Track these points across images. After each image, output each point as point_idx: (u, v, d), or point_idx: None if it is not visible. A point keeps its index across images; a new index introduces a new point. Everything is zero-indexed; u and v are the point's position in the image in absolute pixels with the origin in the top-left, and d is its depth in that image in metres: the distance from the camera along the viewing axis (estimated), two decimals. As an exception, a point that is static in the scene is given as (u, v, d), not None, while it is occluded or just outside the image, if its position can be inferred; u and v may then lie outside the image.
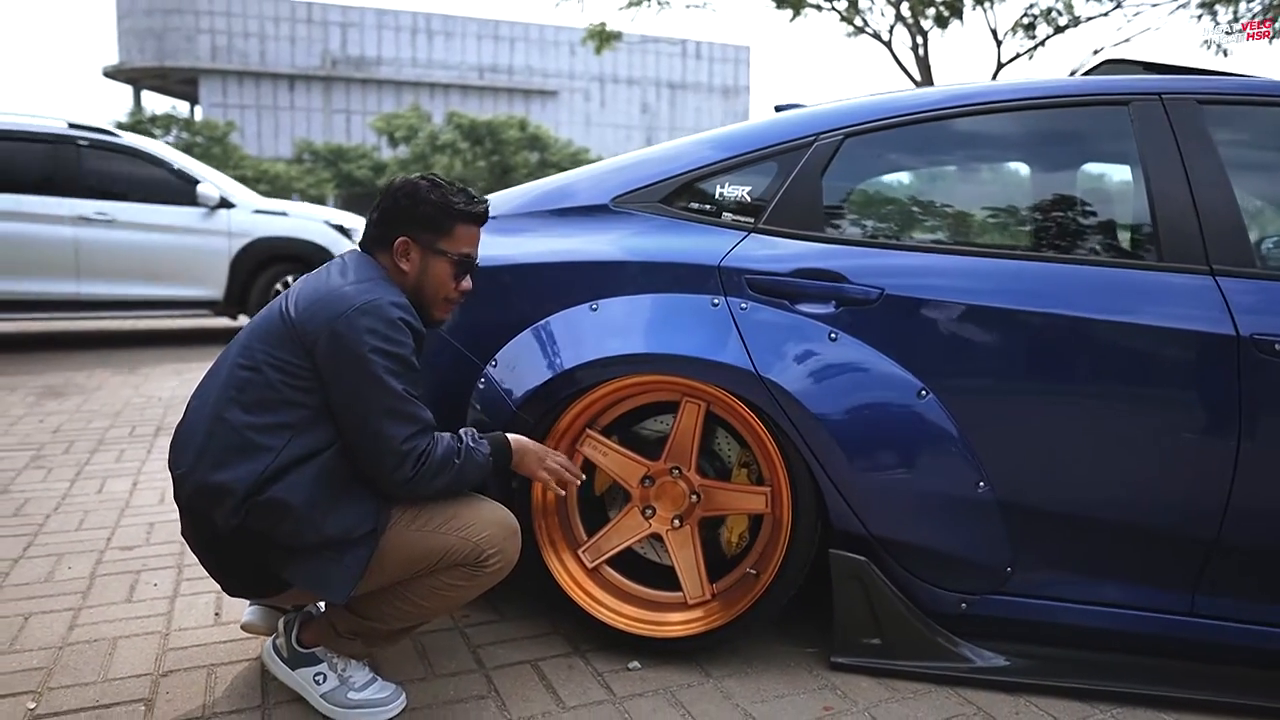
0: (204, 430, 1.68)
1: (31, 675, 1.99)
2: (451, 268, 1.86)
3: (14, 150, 6.44)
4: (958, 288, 1.92)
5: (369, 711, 1.81)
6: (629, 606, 2.11)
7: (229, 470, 1.63)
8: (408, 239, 1.83)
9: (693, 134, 2.37)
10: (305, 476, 1.65)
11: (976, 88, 2.09)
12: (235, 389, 1.69)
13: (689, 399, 2.07)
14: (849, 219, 2.12)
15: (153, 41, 54.93)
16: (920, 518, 1.94)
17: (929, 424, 1.90)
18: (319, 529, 1.65)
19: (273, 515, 1.62)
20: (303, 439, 1.67)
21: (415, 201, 1.83)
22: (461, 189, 1.88)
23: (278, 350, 1.70)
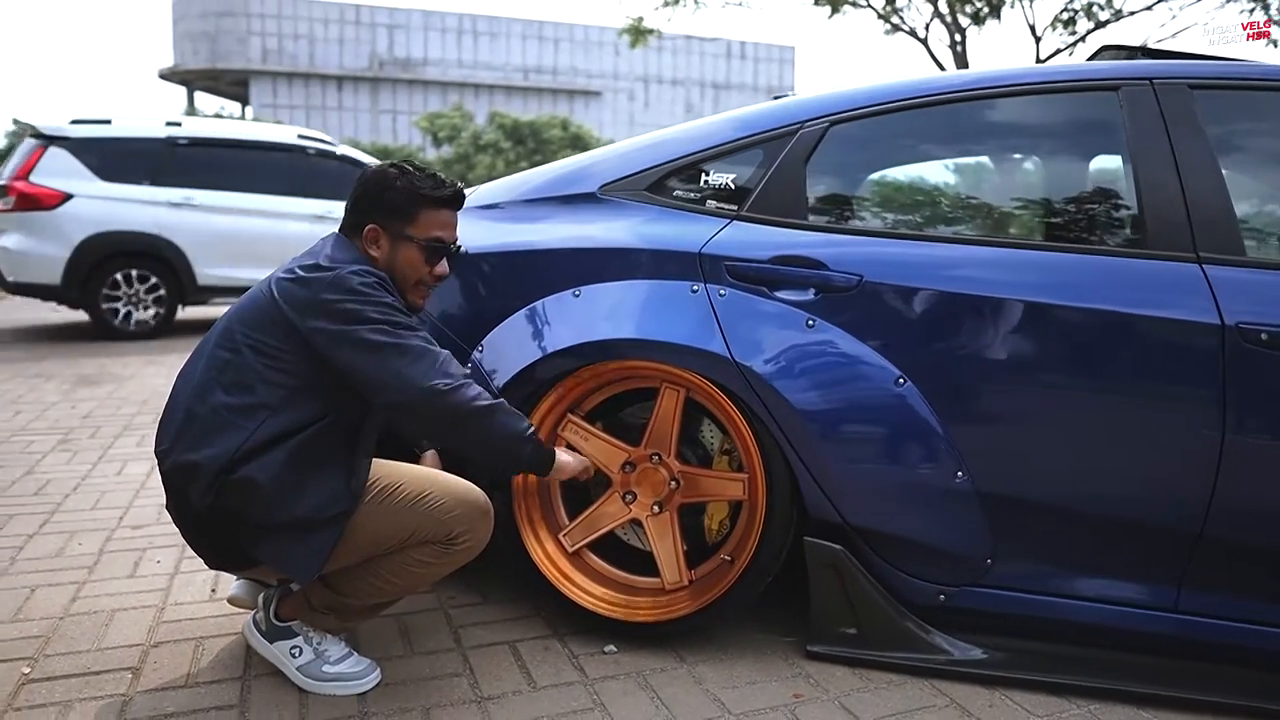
0: (184, 410, 1.74)
1: (30, 643, 2.07)
2: (420, 253, 1.88)
3: (262, 158, 7.64)
4: (936, 275, 1.91)
5: (342, 684, 1.84)
6: (601, 588, 2.12)
7: (204, 449, 1.68)
8: (376, 226, 1.86)
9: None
10: (277, 457, 1.68)
11: (963, 75, 2.07)
12: (215, 370, 1.75)
13: (668, 385, 2.08)
14: (831, 207, 2.11)
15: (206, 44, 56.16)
16: (897, 507, 1.93)
17: (906, 412, 1.89)
18: (288, 509, 1.68)
19: (242, 494, 1.67)
20: (278, 418, 1.70)
21: (382, 189, 1.86)
22: (431, 175, 1.89)
23: (256, 332, 1.75)
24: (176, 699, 1.83)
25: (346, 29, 58.01)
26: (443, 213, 1.91)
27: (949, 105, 2.05)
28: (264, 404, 1.71)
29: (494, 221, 2.35)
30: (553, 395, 2.11)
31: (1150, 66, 1.99)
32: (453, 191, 1.91)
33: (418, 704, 1.82)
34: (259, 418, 1.70)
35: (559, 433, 2.17)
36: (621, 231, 2.15)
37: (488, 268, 2.28)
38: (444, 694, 1.86)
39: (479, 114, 45.75)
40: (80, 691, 1.86)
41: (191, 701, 1.82)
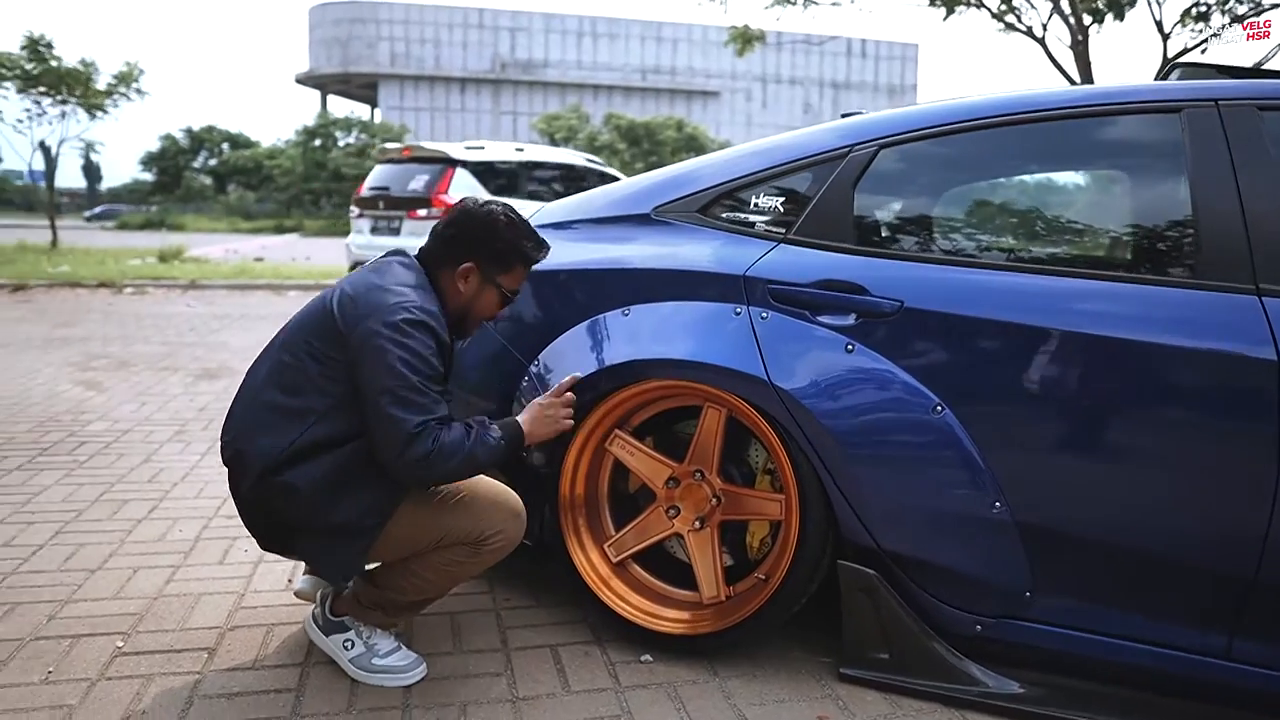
0: (244, 406, 1.89)
1: (126, 619, 2.28)
2: (499, 299, 2.02)
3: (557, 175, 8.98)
4: (979, 302, 1.89)
5: (390, 676, 1.98)
6: (639, 598, 2.19)
7: (254, 445, 1.82)
8: (473, 265, 1.96)
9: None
10: (320, 465, 1.80)
11: (1018, 97, 2.04)
12: (275, 372, 1.88)
13: (710, 405, 2.12)
14: (877, 231, 2.11)
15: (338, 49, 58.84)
16: (931, 534, 1.92)
17: (942, 440, 1.88)
18: (325, 516, 1.81)
19: (283, 497, 1.80)
20: (324, 425, 1.81)
21: (491, 235, 1.96)
22: (532, 232, 2.00)
23: (316, 340, 1.86)
24: (243, 680, 1.99)
25: (470, 32, 59.77)
26: (528, 269, 2.04)
27: (1002, 128, 2.02)
28: (313, 409, 1.81)
29: (558, 242, 2.44)
30: (600, 411, 2.19)
31: (1217, 87, 1.91)
32: (546, 252, 2.04)
33: (457, 700, 1.93)
34: (307, 421, 1.81)
35: (606, 447, 2.25)
36: (670, 253, 2.21)
37: (547, 285, 2.37)
38: (483, 692, 1.96)
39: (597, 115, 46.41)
40: (161, 667, 2.04)
41: (255, 683, 1.98)
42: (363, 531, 1.84)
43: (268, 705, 1.90)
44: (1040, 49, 11.07)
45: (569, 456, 2.22)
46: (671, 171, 2.41)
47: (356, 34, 58.45)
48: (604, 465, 2.31)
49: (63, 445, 3.90)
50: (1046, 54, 11.09)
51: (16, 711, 1.87)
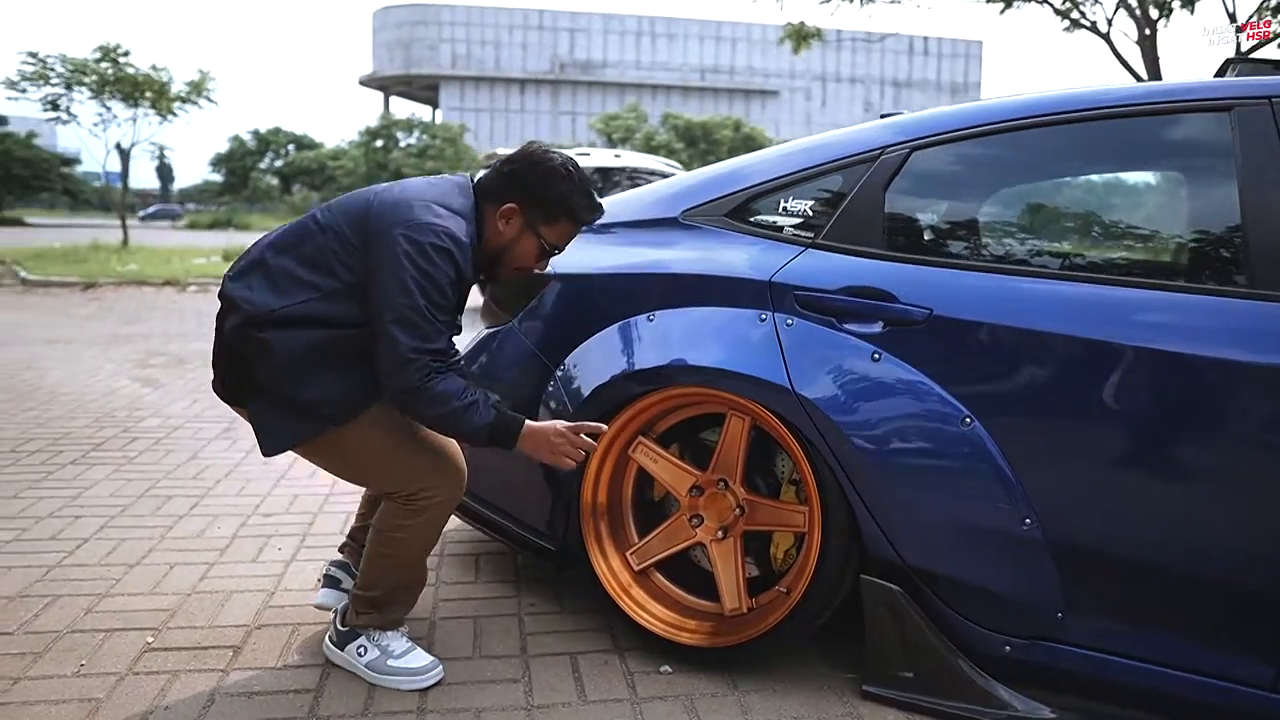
0: (259, 252, 1.89)
1: (158, 615, 2.32)
2: (538, 250, 1.99)
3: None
4: (1012, 310, 1.81)
5: (405, 678, 1.98)
6: (660, 607, 2.16)
7: (250, 295, 1.81)
8: (517, 207, 1.93)
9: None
10: (302, 338, 1.79)
11: (1054, 95, 1.96)
12: (300, 235, 1.87)
13: (734, 413, 2.08)
14: (907, 236, 2.04)
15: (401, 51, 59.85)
16: (958, 551, 1.86)
17: (971, 453, 1.81)
18: (287, 388, 1.80)
19: (258, 352, 1.79)
20: (323, 304, 1.80)
21: (544, 183, 1.92)
22: (587, 192, 1.96)
23: (347, 224, 1.84)
24: (264, 679, 2.01)
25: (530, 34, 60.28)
26: (575, 228, 2.01)
27: (1039, 129, 1.94)
28: (319, 286, 1.81)
29: (585, 244, 2.42)
30: (623, 417, 2.16)
31: (1272, 84, 1.81)
32: (596, 217, 2.01)
33: (472, 706, 1.92)
34: (309, 294, 1.81)
35: (630, 454, 2.22)
36: (697, 257, 2.17)
37: (575, 289, 2.35)
38: (499, 698, 1.95)
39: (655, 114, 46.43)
40: (188, 664, 2.07)
41: (276, 683, 2.00)
42: (313, 417, 1.83)
43: (286, 705, 1.91)
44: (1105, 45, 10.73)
45: (591, 463, 2.20)
46: (700, 175, 2.38)
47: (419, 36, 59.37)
48: (628, 472, 2.29)
49: (115, 441, 4.01)
50: (1112, 50, 10.74)
51: (48, 703, 1.91)
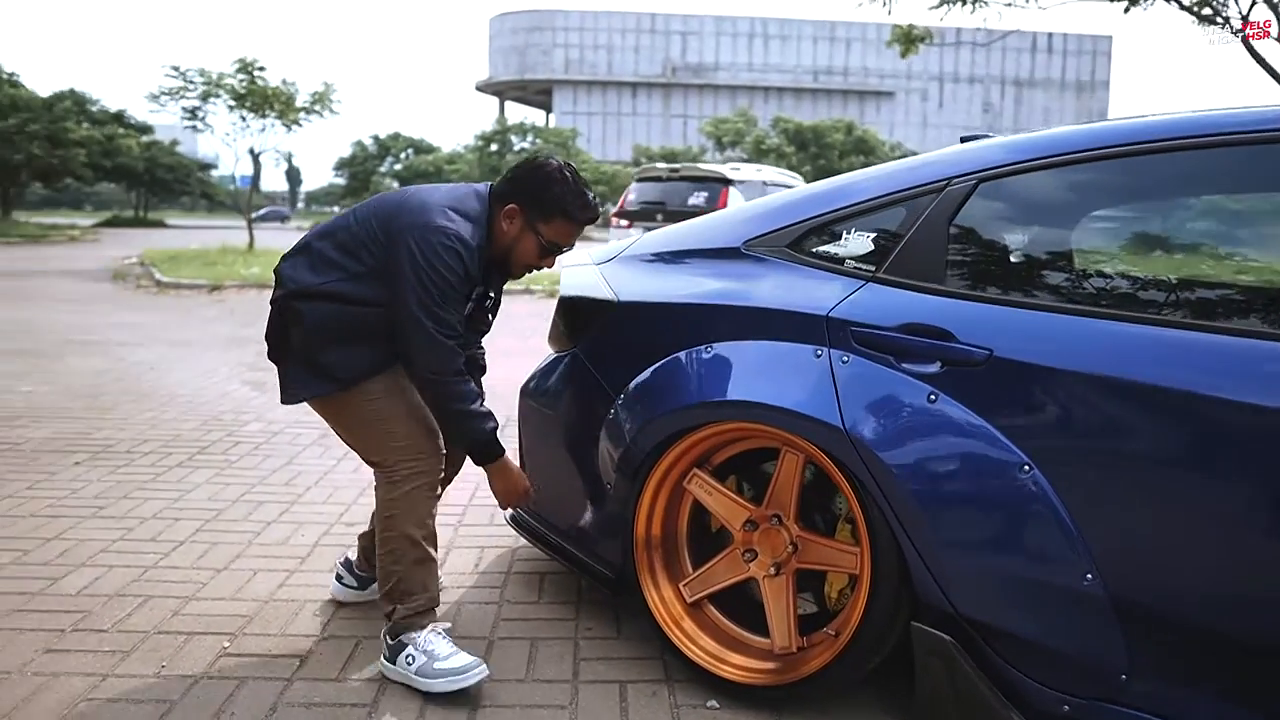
0: (307, 239, 2.22)
1: (237, 620, 2.45)
2: (538, 248, 2.21)
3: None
4: (1077, 353, 1.72)
5: (453, 679, 2.04)
6: (709, 640, 2.14)
7: (293, 273, 2.15)
8: (517, 207, 2.17)
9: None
10: (328, 310, 2.08)
11: (1135, 124, 1.85)
12: (337, 226, 2.18)
13: (788, 449, 2.05)
14: (970, 271, 1.97)
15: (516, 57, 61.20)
16: (1013, 603, 1.78)
17: (1029, 503, 1.73)
18: (315, 352, 2.10)
19: (293, 319, 2.12)
20: (348, 284, 2.09)
21: (541, 186, 2.16)
22: (582, 193, 2.18)
23: (377, 220, 2.12)
24: (324, 691, 2.10)
25: (642, 37, 60.72)
26: (574, 226, 2.21)
27: (1113, 160, 1.84)
28: (347, 269, 2.10)
29: (650, 272, 2.44)
30: (676, 449, 2.16)
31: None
32: (590, 215, 2.21)
33: (517, 731, 1.95)
34: (337, 275, 2.09)
35: (685, 485, 2.21)
36: (755, 289, 2.15)
37: (638, 317, 2.37)
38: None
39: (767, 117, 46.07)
40: (256, 671, 2.18)
41: (335, 695, 2.08)
42: (330, 379, 2.12)
43: (341, 718, 1.98)
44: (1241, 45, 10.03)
45: (645, 494, 2.21)
46: (764, 204, 2.35)
47: (534, 42, 60.61)
48: (684, 503, 2.28)
49: (219, 444, 4.24)
50: (1248, 50, 10.03)
51: (129, 701, 2.04)
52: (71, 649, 2.28)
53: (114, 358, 6.74)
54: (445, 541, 3.05)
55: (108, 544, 3.00)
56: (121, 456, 4.05)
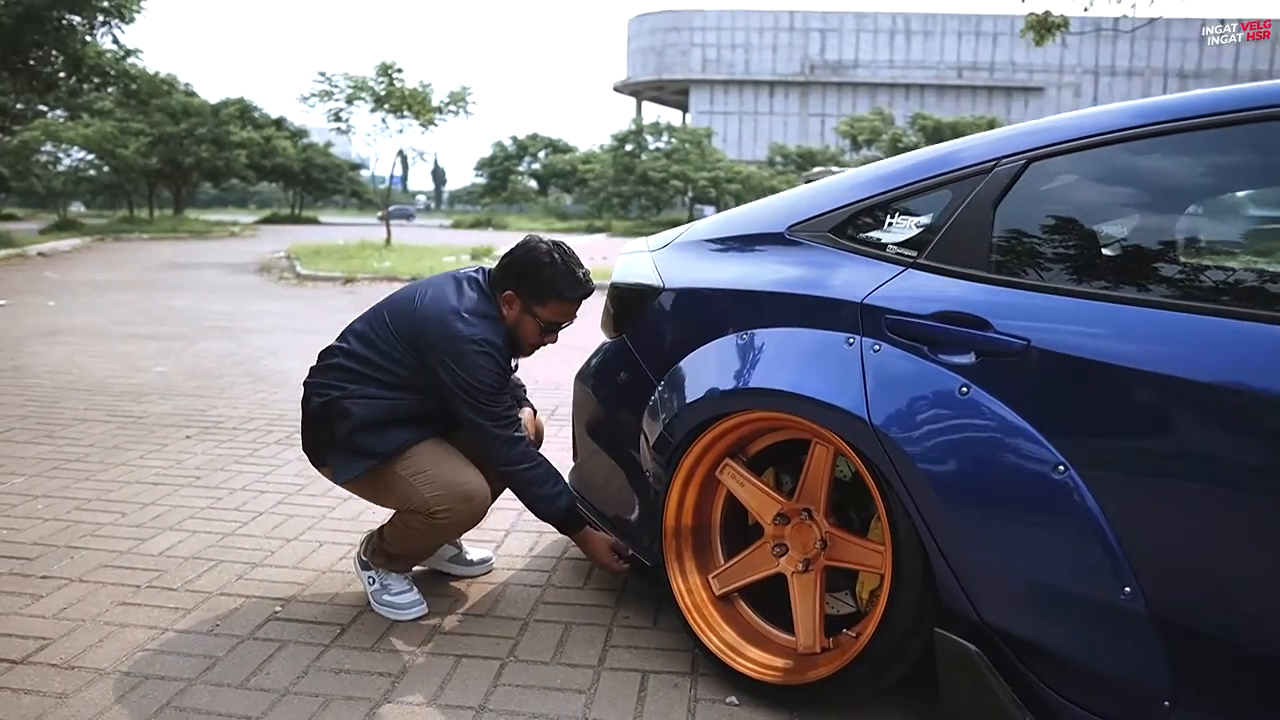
0: (339, 350, 2.34)
1: (293, 588, 2.56)
2: (539, 328, 2.30)
3: None
4: (1122, 345, 1.58)
5: (392, 610, 2.37)
6: (731, 632, 2.08)
7: (331, 381, 2.28)
8: (514, 294, 2.27)
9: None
10: (375, 404, 2.24)
11: (1202, 96, 1.68)
12: (363, 340, 2.30)
13: (818, 440, 1.97)
14: (1012, 256, 1.83)
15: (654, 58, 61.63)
16: (1044, 614, 1.64)
17: (1063, 506, 1.59)
18: (362, 439, 2.23)
19: (339, 415, 2.25)
20: (378, 389, 2.25)
21: (530, 270, 2.25)
22: (571, 271, 2.25)
23: (395, 336, 2.26)
24: (355, 659, 2.16)
25: (780, 35, 60.03)
26: (569, 305, 2.29)
27: (1174, 135, 1.67)
28: (379, 378, 2.25)
29: (697, 258, 2.39)
30: (707, 437, 2.11)
31: None
32: (583, 294, 2.29)
33: (530, 710, 1.95)
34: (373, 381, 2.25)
35: (717, 475, 2.16)
36: (795, 274, 2.08)
37: (681, 304, 2.33)
38: (557, 706, 1.97)
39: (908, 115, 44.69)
40: (299, 636, 2.27)
41: (365, 664, 2.14)
42: (373, 456, 2.24)
43: (366, 686, 2.04)
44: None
45: (674, 483, 2.17)
46: (810, 188, 2.27)
47: (671, 42, 60.88)
48: (717, 494, 2.23)
49: (317, 423, 4.44)
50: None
51: (179, 654, 2.16)
52: (142, 603, 2.44)
53: (241, 343, 7.19)
54: (505, 525, 3.09)
55: (196, 511, 3.19)
56: (227, 432, 4.30)
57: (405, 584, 2.42)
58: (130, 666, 2.10)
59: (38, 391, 5.18)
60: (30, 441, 4.08)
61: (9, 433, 4.23)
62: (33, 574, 2.62)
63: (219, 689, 2.01)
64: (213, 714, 1.91)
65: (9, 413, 4.65)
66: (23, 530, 2.97)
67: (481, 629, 2.34)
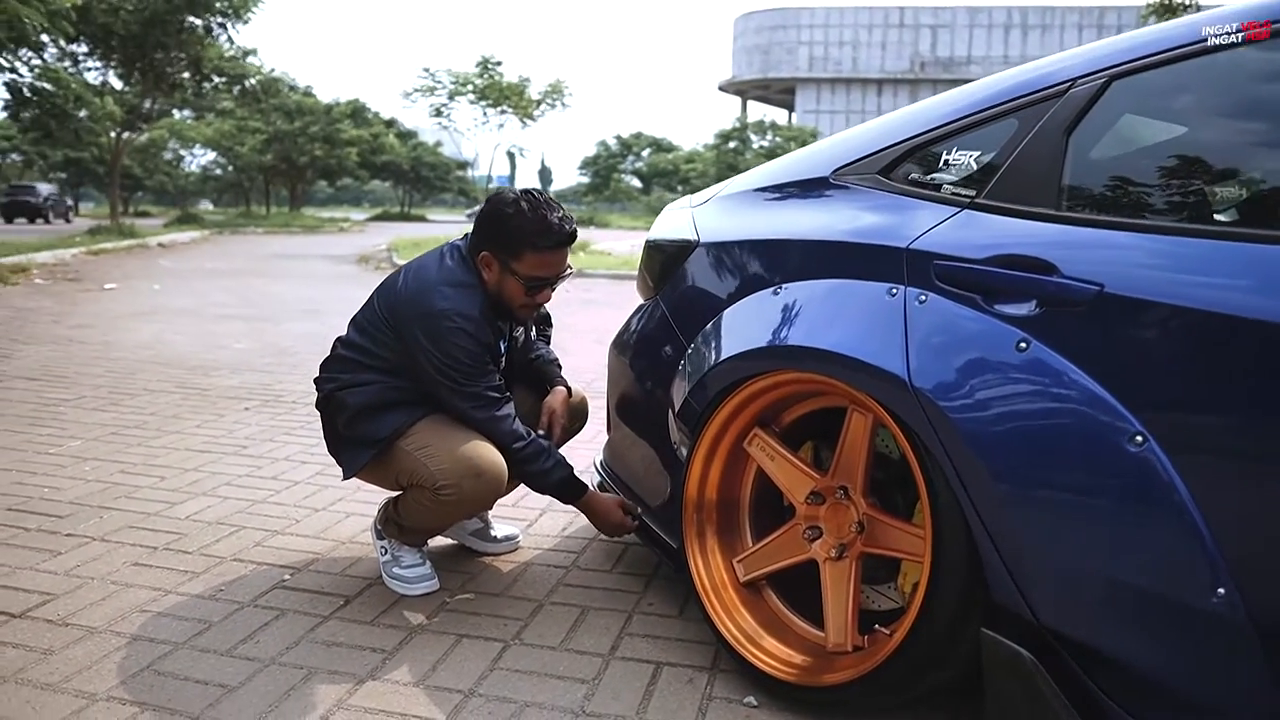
0: (339, 338, 2.26)
1: (307, 557, 2.45)
2: (522, 286, 2.08)
3: None
4: (1218, 290, 1.28)
5: (400, 584, 2.24)
6: (751, 619, 1.85)
7: (331, 373, 2.21)
8: (488, 254, 2.08)
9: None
10: (368, 391, 2.13)
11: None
12: (358, 327, 2.20)
13: (855, 407, 1.72)
14: (1087, 191, 1.54)
15: (759, 56, 60.98)
16: (1113, 617, 1.36)
17: (1142, 486, 1.30)
18: (357, 429, 2.13)
19: (337, 408, 2.17)
20: (370, 374, 2.14)
21: (496, 224, 2.06)
22: (541, 218, 2.02)
23: (382, 312, 2.13)
24: (351, 633, 2.02)
25: (889, 32, 58.57)
26: (546, 255, 2.06)
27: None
28: (372, 365, 2.14)
29: (736, 209, 2.17)
30: (733, 402, 1.88)
31: None
32: (558, 240, 2.05)
33: (523, 698, 1.76)
34: (368, 368, 2.14)
35: (745, 446, 1.93)
36: (834, 221, 1.83)
37: (716, 259, 2.11)
38: (554, 695, 1.77)
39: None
40: (299, 605, 2.14)
41: (361, 638, 1.99)
42: (375, 444, 2.12)
43: (356, 661, 1.89)
44: None
45: (698, 451, 1.95)
46: (861, 128, 2.01)
47: (777, 40, 60.12)
48: (747, 468, 2.00)
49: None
50: None
51: (174, 618, 2.06)
52: (154, 565, 2.36)
53: (322, 324, 7.27)
54: (542, 504, 2.92)
55: (234, 478, 3.13)
56: (285, 406, 4.28)
57: (418, 557, 2.28)
58: (123, 626, 2.01)
59: (119, 364, 5.30)
60: (96, 409, 4.14)
61: (80, 400, 4.31)
62: (59, 531, 2.59)
63: (203, 654, 1.89)
64: (190, 680, 1.79)
65: (87, 382, 4.75)
66: (64, 490, 2.96)
67: (492, 608, 2.16)
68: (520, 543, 2.57)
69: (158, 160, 33.42)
